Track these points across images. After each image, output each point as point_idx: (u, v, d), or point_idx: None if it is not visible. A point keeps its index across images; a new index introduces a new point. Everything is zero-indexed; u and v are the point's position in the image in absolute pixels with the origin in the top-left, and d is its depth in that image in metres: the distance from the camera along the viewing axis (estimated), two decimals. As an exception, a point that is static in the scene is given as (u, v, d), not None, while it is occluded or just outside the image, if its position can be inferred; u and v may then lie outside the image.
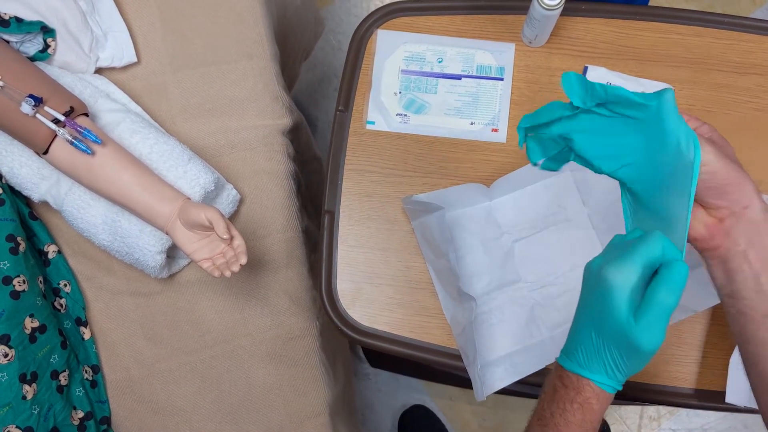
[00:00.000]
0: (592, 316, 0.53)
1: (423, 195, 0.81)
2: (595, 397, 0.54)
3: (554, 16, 0.82)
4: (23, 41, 0.84)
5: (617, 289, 0.50)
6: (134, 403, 0.89)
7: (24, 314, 0.80)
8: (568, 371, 0.55)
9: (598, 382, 0.53)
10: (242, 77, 0.94)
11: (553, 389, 0.56)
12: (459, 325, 0.79)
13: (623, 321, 0.50)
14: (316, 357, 0.92)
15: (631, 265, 0.50)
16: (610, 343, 0.52)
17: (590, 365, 0.53)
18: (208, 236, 0.78)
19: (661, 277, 0.50)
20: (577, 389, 0.54)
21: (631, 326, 0.50)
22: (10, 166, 0.84)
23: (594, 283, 0.53)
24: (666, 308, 0.49)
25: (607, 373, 0.53)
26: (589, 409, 0.54)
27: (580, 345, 0.54)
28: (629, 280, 0.50)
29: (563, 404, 0.55)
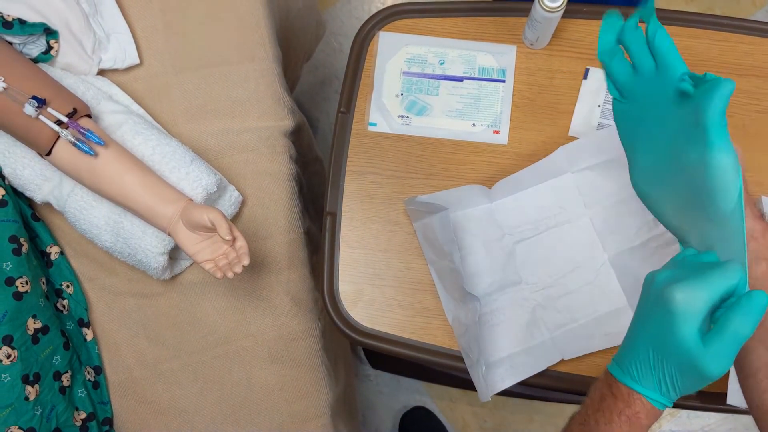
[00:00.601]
0: (651, 333, 0.52)
1: (426, 196, 0.81)
2: (644, 412, 0.52)
3: (555, 18, 0.82)
4: (26, 43, 0.85)
5: (689, 314, 0.49)
6: (136, 404, 0.89)
7: (27, 315, 0.80)
8: (620, 382, 0.54)
9: (650, 398, 0.52)
10: (244, 79, 0.94)
11: (601, 397, 0.55)
12: (461, 325, 0.79)
13: (691, 345, 0.49)
14: (317, 358, 0.92)
15: (707, 293, 0.49)
16: (669, 363, 0.51)
17: (644, 380, 0.52)
18: (211, 237, 0.78)
19: (741, 306, 0.48)
20: (627, 402, 0.53)
21: (700, 351, 0.49)
22: (13, 168, 0.84)
23: (657, 300, 0.51)
24: (740, 337, 0.48)
25: (661, 391, 0.52)
26: (637, 424, 0.53)
27: (635, 359, 0.53)
28: (702, 306, 0.49)
29: (610, 414, 0.53)
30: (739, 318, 0.48)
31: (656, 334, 0.51)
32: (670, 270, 0.53)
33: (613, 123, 0.87)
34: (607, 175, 0.85)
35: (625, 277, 0.83)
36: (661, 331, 0.51)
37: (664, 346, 0.51)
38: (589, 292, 0.82)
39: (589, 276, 0.83)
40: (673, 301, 0.49)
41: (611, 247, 0.83)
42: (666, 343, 0.50)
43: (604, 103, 0.88)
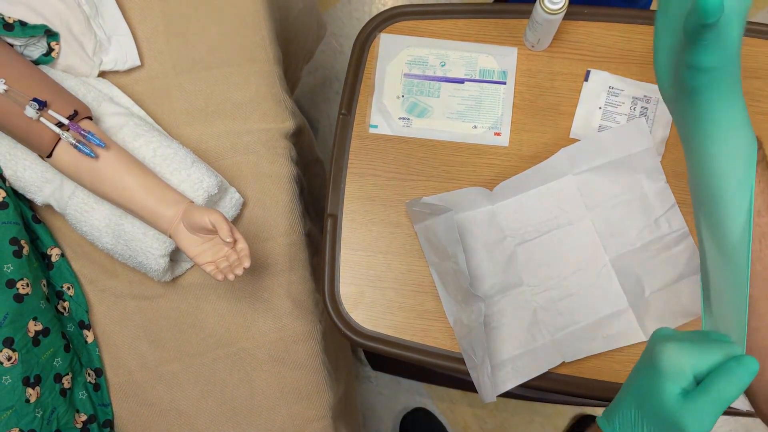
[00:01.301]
0: (636, 387, 0.51)
1: (431, 197, 0.81)
2: None
3: (557, 20, 0.82)
4: (27, 45, 0.85)
5: (673, 373, 0.48)
6: (137, 406, 0.89)
7: (27, 317, 0.80)
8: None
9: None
10: (245, 81, 0.94)
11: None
12: (464, 327, 0.79)
13: (671, 404, 0.48)
14: (318, 360, 0.92)
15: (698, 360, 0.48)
16: (649, 421, 0.50)
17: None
18: (212, 239, 0.78)
19: (730, 368, 0.47)
20: None
21: (680, 410, 0.47)
22: (13, 170, 0.84)
23: (648, 354, 0.51)
24: (724, 401, 0.47)
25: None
26: None
27: (618, 413, 0.52)
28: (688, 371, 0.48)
29: None
30: (725, 381, 0.46)
31: (640, 390, 0.50)
32: (674, 332, 0.52)
33: (613, 125, 0.87)
34: (608, 177, 0.85)
35: (626, 279, 0.83)
36: (645, 387, 0.50)
37: (645, 403, 0.50)
38: (590, 295, 0.82)
39: (590, 278, 0.83)
40: (661, 357, 0.48)
41: (612, 249, 0.83)
42: (647, 399, 0.49)
43: (605, 105, 0.88)
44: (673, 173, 0.85)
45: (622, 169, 0.85)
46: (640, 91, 0.88)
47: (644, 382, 0.50)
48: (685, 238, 0.84)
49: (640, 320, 0.81)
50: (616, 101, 0.88)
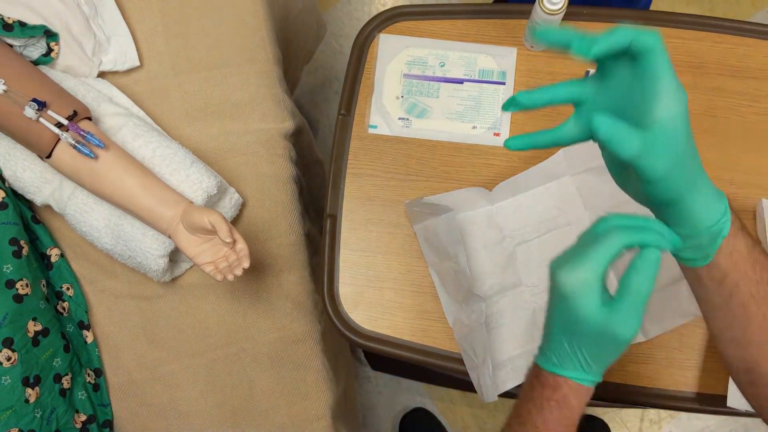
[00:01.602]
0: (558, 318, 0.52)
1: (431, 197, 0.81)
2: (572, 393, 0.53)
3: (556, 20, 0.82)
4: (26, 45, 0.85)
5: (579, 293, 0.49)
6: (137, 406, 0.89)
7: (27, 318, 0.80)
8: (544, 370, 0.54)
9: (575, 378, 0.53)
10: (245, 81, 0.94)
11: (530, 387, 0.56)
12: (464, 327, 0.80)
13: (595, 318, 0.49)
14: (317, 360, 0.92)
15: (590, 271, 0.49)
16: (582, 342, 0.51)
17: (565, 364, 0.53)
18: (211, 240, 0.78)
19: (635, 267, 0.49)
20: (554, 387, 0.53)
21: (606, 321, 0.49)
22: (13, 170, 0.84)
23: (553, 286, 0.52)
24: (643, 296, 0.49)
25: (583, 369, 0.52)
26: (567, 405, 0.53)
27: (553, 346, 0.53)
28: (591, 282, 0.49)
29: (540, 402, 0.54)
30: (636, 278, 0.49)
31: (562, 321, 0.52)
32: (561, 255, 0.53)
33: (613, 125, 0.87)
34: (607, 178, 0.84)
35: (625, 280, 0.83)
36: (565, 317, 0.51)
37: (572, 328, 0.51)
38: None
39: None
40: (563, 284, 0.50)
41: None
42: (572, 324, 0.51)
43: (604, 105, 0.88)
44: (672, 174, 0.85)
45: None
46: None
47: (562, 313, 0.51)
48: (684, 239, 0.84)
49: (639, 320, 0.81)
50: (615, 102, 0.88)
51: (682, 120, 0.47)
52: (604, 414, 1.56)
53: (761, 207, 0.83)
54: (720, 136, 0.87)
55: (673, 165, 0.48)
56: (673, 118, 0.47)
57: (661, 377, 0.81)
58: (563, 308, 0.51)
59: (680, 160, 0.48)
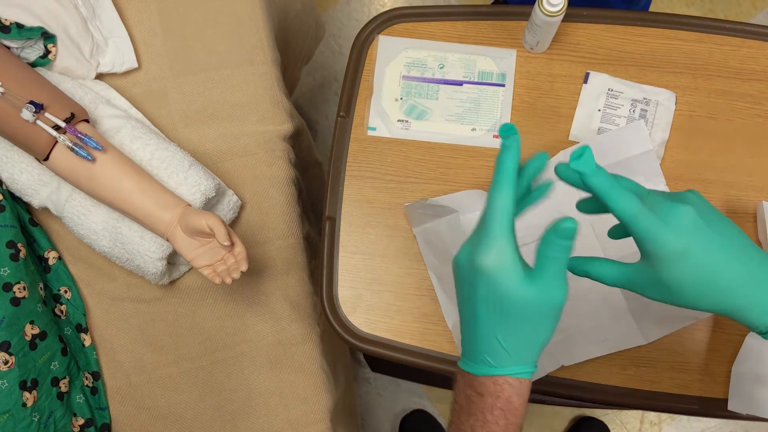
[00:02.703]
0: (487, 306, 0.50)
1: (435, 198, 0.81)
2: (515, 393, 0.50)
3: (556, 22, 0.82)
4: (24, 47, 0.84)
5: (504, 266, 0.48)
6: (135, 409, 0.88)
7: (24, 321, 0.79)
8: (480, 377, 0.51)
9: (514, 374, 0.50)
10: (243, 82, 0.94)
11: (467, 400, 0.52)
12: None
13: (524, 289, 0.48)
14: (316, 363, 0.91)
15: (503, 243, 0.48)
16: (514, 324, 0.49)
17: (500, 360, 0.50)
18: (209, 243, 0.78)
19: (549, 240, 0.48)
20: (495, 394, 0.50)
21: (535, 288, 0.48)
22: (10, 173, 0.83)
23: (479, 270, 0.49)
24: (561, 262, 0.48)
25: (521, 359, 0.50)
26: (512, 410, 0.50)
27: (481, 345, 0.50)
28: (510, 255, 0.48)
29: (482, 415, 0.50)
30: (550, 248, 0.48)
31: (489, 308, 0.49)
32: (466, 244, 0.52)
33: (612, 127, 0.87)
34: (607, 180, 0.85)
35: (625, 283, 0.82)
36: (491, 302, 0.49)
37: (502, 313, 0.49)
38: (589, 299, 0.82)
39: (589, 282, 0.82)
40: (482, 270, 0.48)
41: (612, 253, 0.83)
42: (501, 308, 0.49)
43: (604, 107, 0.88)
44: (672, 176, 0.85)
45: (621, 171, 0.84)
46: (639, 94, 0.88)
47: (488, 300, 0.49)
48: (685, 241, 0.83)
49: (639, 324, 0.81)
50: (615, 103, 0.88)
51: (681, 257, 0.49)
52: (604, 416, 1.56)
53: (762, 209, 0.82)
54: (722, 139, 0.87)
55: (699, 294, 0.49)
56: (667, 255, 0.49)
57: (662, 380, 0.80)
58: (488, 294, 0.49)
59: (705, 286, 0.49)
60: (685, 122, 0.87)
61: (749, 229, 0.84)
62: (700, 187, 0.85)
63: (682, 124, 0.87)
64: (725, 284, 0.49)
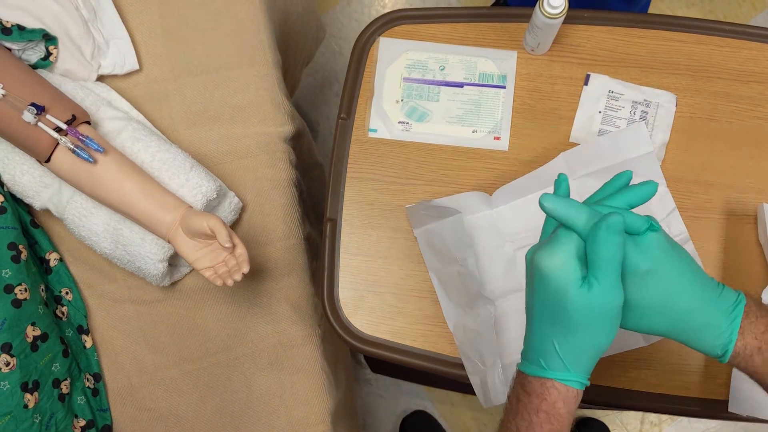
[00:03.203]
0: (543, 306, 0.50)
1: (437, 200, 0.81)
2: (561, 399, 0.50)
3: (557, 24, 0.82)
4: (25, 49, 0.84)
5: (563, 270, 0.48)
6: (136, 411, 0.89)
7: (26, 323, 0.80)
8: (530, 376, 0.51)
9: (563, 380, 0.50)
10: (244, 84, 0.94)
11: (516, 399, 0.52)
12: (468, 332, 0.79)
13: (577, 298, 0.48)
14: (317, 365, 0.91)
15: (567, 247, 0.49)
16: (568, 329, 0.49)
17: (550, 364, 0.50)
18: (210, 244, 0.78)
19: (594, 234, 0.48)
20: (541, 395, 0.50)
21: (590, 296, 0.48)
22: (12, 174, 0.84)
23: (538, 269, 0.50)
24: (613, 261, 0.48)
25: (571, 367, 0.50)
26: (557, 416, 0.50)
27: (538, 346, 0.51)
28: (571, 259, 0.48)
29: (528, 416, 0.51)
30: (598, 245, 0.47)
31: (545, 308, 0.50)
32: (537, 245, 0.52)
33: (612, 129, 0.87)
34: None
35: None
36: (548, 303, 0.49)
37: (556, 315, 0.49)
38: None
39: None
40: (542, 270, 0.49)
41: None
42: (556, 310, 0.49)
43: (605, 109, 0.88)
44: (673, 178, 0.85)
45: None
46: (640, 95, 0.88)
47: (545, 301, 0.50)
48: (686, 243, 0.83)
49: (640, 325, 0.81)
50: (615, 105, 0.88)
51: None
52: (605, 416, 1.56)
53: (762, 211, 0.83)
54: (721, 141, 0.87)
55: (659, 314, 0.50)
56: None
57: (663, 382, 0.80)
58: (545, 295, 0.49)
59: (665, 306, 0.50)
60: (685, 124, 0.87)
61: (749, 231, 0.84)
62: (700, 189, 0.85)
63: (683, 126, 0.87)
64: (684, 306, 0.50)
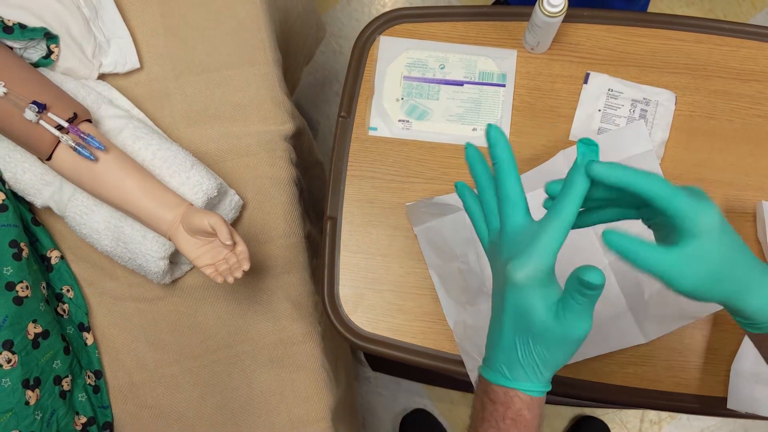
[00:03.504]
0: (509, 322, 0.50)
1: (439, 197, 0.81)
2: (525, 407, 0.50)
3: (556, 22, 0.82)
4: (27, 47, 0.85)
5: (537, 283, 0.48)
6: (137, 408, 0.89)
7: (27, 320, 0.80)
8: (494, 385, 0.51)
9: (527, 390, 0.50)
10: (245, 83, 0.94)
11: (482, 406, 0.52)
12: (468, 328, 0.79)
13: (546, 320, 0.48)
14: (317, 362, 0.92)
15: (540, 261, 0.48)
16: (537, 345, 0.49)
17: (515, 374, 0.50)
18: (211, 242, 0.78)
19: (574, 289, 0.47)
20: (506, 404, 0.50)
21: (559, 322, 0.47)
22: (13, 172, 0.84)
23: (504, 283, 0.50)
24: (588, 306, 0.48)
25: (536, 377, 0.50)
26: (522, 422, 0.50)
27: (501, 356, 0.51)
28: (545, 273, 0.48)
29: (495, 422, 0.51)
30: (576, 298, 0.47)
31: (516, 319, 0.49)
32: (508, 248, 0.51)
33: (612, 127, 0.87)
34: (607, 180, 0.85)
35: (625, 282, 0.82)
36: (519, 314, 0.49)
37: (525, 328, 0.49)
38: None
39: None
40: (513, 282, 0.48)
41: (612, 257, 0.83)
42: (524, 326, 0.49)
43: (604, 107, 0.88)
44: (672, 176, 0.85)
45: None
46: (639, 94, 0.88)
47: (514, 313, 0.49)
48: (685, 241, 0.83)
49: (639, 323, 0.81)
50: (615, 104, 0.88)
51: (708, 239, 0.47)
52: (604, 415, 1.56)
53: (761, 209, 0.83)
54: (721, 139, 0.87)
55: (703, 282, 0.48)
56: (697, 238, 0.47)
57: (662, 379, 0.81)
58: (515, 307, 0.49)
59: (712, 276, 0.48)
60: (684, 122, 0.88)
61: (748, 229, 0.84)
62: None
63: (682, 124, 0.87)
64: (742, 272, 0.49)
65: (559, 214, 0.50)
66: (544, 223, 0.50)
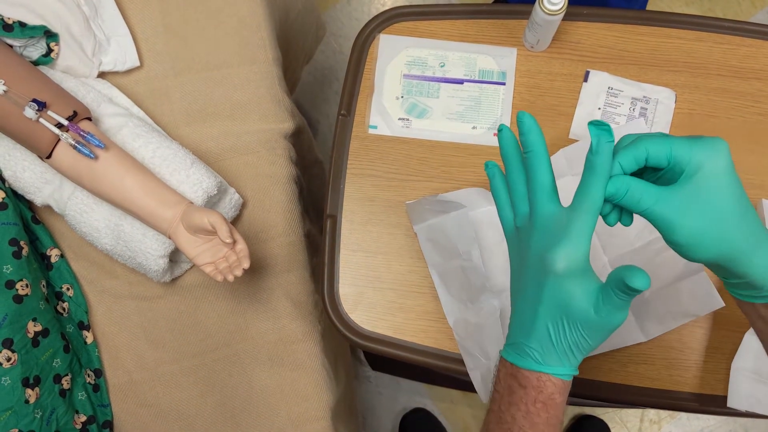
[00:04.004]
0: (546, 307, 0.50)
1: (441, 195, 0.81)
2: (558, 390, 0.50)
3: (556, 21, 0.82)
4: (26, 45, 0.85)
5: (571, 279, 0.48)
6: (136, 406, 0.89)
7: (27, 318, 0.80)
8: (524, 370, 0.51)
9: (559, 374, 0.50)
10: (245, 81, 0.94)
11: (509, 390, 0.52)
12: (469, 326, 0.79)
13: (587, 309, 0.48)
14: (317, 361, 0.92)
15: (581, 251, 0.48)
16: (572, 330, 0.49)
17: (548, 359, 0.50)
18: (211, 240, 0.78)
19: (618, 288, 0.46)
20: (538, 388, 0.50)
21: (598, 312, 0.47)
22: (13, 170, 0.84)
23: (541, 274, 0.50)
24: (627, 302, 0.47)
25: (569, 361, 0.50)
26: (553, 405, 0.51)
27: (533, 340, 0.51)
28: (580, 269, 0.48)
29: (525, 406, 0.51)
30: (619, 296, 0.46)
31: (551, 308, 0.49)
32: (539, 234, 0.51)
33: (612, 125, 0.87)
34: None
35: (625, 280, 0.82)
36: (556, 301, 0.49)
37: (563, 316, 0.49)
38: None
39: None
40: (554, 272, 0.48)
41: (612, 250, 0.83)
42: (565, 312, 0.49)
43: (604, 105, 0.88)
44: (672, 174, 0.85)
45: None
46: (639, 92, 0.88)
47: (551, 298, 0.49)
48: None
49: (639, 321, 0.81)
50: (615, 102, 0.88)
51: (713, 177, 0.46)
52: (604, 414, 1.56)
53: (762, 207, 0.83)
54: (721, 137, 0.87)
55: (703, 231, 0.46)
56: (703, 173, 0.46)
57: (662, 377, 0.81)
58: (554, 297, 0.49)
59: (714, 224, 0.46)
60: (684, 120, 0.88)
61: (749, 227, 0.84)
62: (699, 185, 0.85)
63: (682, 123, 0.87)
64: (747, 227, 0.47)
65: (587, 199, 0.49)
66: (575, 209, 0.50)
